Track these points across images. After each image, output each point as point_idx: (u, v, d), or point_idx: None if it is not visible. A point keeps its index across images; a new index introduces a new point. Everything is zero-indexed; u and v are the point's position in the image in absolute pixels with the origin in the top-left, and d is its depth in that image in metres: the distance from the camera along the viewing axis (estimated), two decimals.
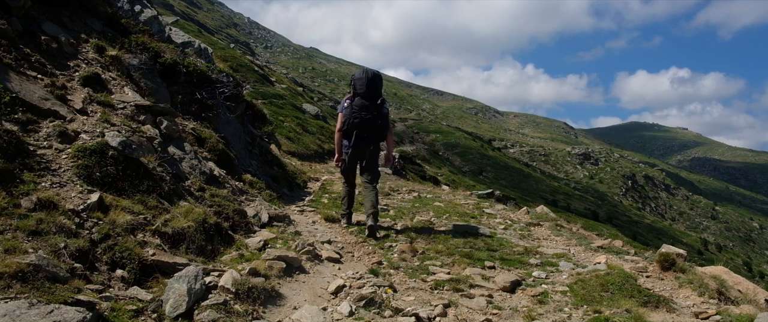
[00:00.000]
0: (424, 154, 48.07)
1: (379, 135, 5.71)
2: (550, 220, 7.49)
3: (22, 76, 4.73)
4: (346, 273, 4.50)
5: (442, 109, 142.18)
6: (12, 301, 2.73)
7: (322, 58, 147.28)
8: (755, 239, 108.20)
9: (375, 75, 5.66)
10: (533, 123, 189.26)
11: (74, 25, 6.15)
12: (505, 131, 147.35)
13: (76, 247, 3.41)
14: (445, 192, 11.25)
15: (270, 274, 4.03)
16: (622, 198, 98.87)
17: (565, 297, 4.11)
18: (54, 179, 3.98)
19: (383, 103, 5.67)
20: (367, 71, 5.71)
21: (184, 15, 53.60)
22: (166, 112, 5.93)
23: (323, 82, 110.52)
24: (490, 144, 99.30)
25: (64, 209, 3.70)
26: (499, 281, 4.37)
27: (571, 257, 5.34)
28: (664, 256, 4.78)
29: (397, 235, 5.84)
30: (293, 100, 24.61)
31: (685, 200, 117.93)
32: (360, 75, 5.66)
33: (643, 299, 3.95)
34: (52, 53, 5.40)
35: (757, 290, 4.44)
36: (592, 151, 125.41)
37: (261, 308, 3.57)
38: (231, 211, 5.31)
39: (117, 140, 4.57)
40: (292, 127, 17.07)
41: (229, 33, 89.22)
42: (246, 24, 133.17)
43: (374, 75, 5.65)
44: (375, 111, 5.56)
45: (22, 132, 4.21)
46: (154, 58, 7.06)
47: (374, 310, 3.70)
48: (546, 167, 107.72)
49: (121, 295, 3.29)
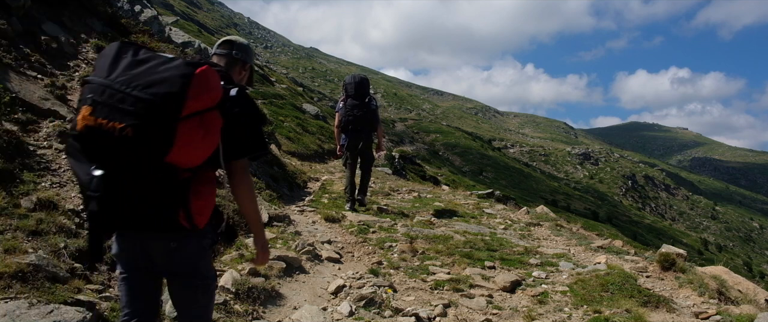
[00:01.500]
0: (424, 154, 48.11)
1: (370, 127, 6.88)
2: (550, 220, 7.49)
3: (22, 76, 4.73)
4: (346, 273, 4.50)
5: (442, 109, 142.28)
6: (12, 301, 2.73)
7: (322, 58, 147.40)
8: (755, 239, 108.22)
9: (362, 79, 6.90)
10: (533, 123, 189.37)
11: (74, 25, 6.15)
12: (505, 131, 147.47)
13: (76, 247, 3.41)
14: (445, 192, 11.25)
15: (270, 274, 4.03)
16: (622, 198, 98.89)
17: (565, 297, 4.11)
18: (54, 179, 3.98)
19: (370, 100, 6.82)
20: (355, 76, 6.93)
21: (184, 15, 53.63)
22: None
23: (323, 82, 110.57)
24: (490, 144, 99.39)
25: (64, 209, 3.70)
26: (499, 281, 4.37)
27: (571, 257, 5.34)
28: (664, 256, 4.78)
29: (397, 235, 5.84)
30: (293, 100, 24.62)
31: (685, 200, 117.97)
32: (350, 80, 6.86)
33: (643, 299, 3.95)
34: (52, 53, 5.40)
35: (757, 290, 4.44)
36: (592, 151, 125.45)
37: (261, 308, 3.57)
38: (231, 211, 5.31)
39: None
40: (292, 127, 17.08)
41: (229, 33, 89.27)
42: (246, 24, 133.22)
43: (362, 79, 6.88)
44: (364, 108, 6.74)
45: (22, 132, 4.21)
46: None
47: (374, 310, 3.70)
48: (546, 167, 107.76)
49: None
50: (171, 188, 1.80)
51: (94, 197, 1.76)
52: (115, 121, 1.67)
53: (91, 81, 1.77)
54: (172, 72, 1.73)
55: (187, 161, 1.80)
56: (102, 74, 1.75)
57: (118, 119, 1.67)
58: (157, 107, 1.67)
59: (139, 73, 1.72)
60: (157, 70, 1.73)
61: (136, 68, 1.74)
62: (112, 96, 1.69)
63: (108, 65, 1.76)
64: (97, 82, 1.74)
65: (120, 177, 1.75)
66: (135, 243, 1.98)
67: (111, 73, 1.74)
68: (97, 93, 1.71)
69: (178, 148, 1.72)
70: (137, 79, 1.71)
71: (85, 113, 1.71)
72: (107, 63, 1.77)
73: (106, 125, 1.67)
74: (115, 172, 1.75)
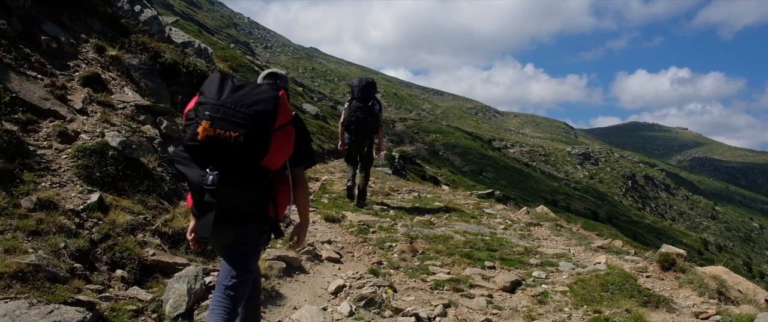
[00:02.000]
0: (424, 154, 48.09)
1: (371, 130, 7.25)
2: (550, 220, 7.49)
3: (22, 76, 4.73)
4: (346, 273, 4.50)
5: (442, 109, 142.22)
6: (12, 301, 2.73)
7: (322, 58, 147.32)
8: (755, 239, 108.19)
9: (368, 83, 7.26)
10: (533, 123, 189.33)
11: (74, 25, 6.15)
12: (505, 131, 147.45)
13: (76, 247, 3.41)
14: (445, 192, 11.24)
15: (270, 274, 4.03)
16: (622, 198, 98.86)
17: (565, 297, 4.11)
18: (54, 179, 3.98)
19: (373, 104, 7.18)
20: (362, 80, 7.30)
21: (184, 15, 53.61)
22: (166, 112, 5.93)
23: (323, 82, 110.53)
24: (490, 144, 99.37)
25: (64, 209, 3.70)
26: (499, 281, 4.37)
27: (571, 257, 5.34)
28: (664, 256, 4.78)
29: (397, 235, 5.84)
30: (293, 100, 24.61)
31: (685, 200, 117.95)
32: (357, 83, 7.25)
33: (643, 299, 3.95)
34: (52, 53, 5.40)
35: (757, 290, 4.44)
36: (592, 151, 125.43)
37: (261, 308, 3.57)
38: None
39: (117, 140, 4.57)
40: None
41: (229, 33, 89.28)
42: (246, 24, 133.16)
43: (367, 83, 7.25)
44: (367, 111, 7.13)
45: (22, 132, 4.21)
46: (154, 58, 7.06)
47: (374, 310, 3.70)
48: (546, 167, 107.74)
49: (121, 295, 3.29)
50: (265, 185, 2.41)
51: (209, 191, 2.27)
52: (230, 131, 2.22)
53: (204, 102, 2.30)
54: (264, 95, 2.32)
55: (274, 163, 2.42)
56: (213, 97, 2.30)
57: (232, 130, 2.23)
58: (260, 121, 2.26)
59: (242, 95, 2.29)
60: (254, 93, 2.31)
61: (238, 92, 2.30)
62: (226, 113, 2.25)
63: (216, 90, 2.32)
64: (211, 102, 2.29)
65: (229, 176, 2.28)
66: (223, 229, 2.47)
67: (220, 96, 2.29)
68: (213, 111, 2.26)
69: (271, 154, 2.33)
70: (242, 100, 2.27)
71: (205, 126, 2.24)
72: (215, 89, 2.33)
73: (223, 135, 2.22)
74: (226, 172, 2.27)
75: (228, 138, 2.22)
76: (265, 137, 2.28)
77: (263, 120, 2.27)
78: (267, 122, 2.28)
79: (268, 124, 2.29)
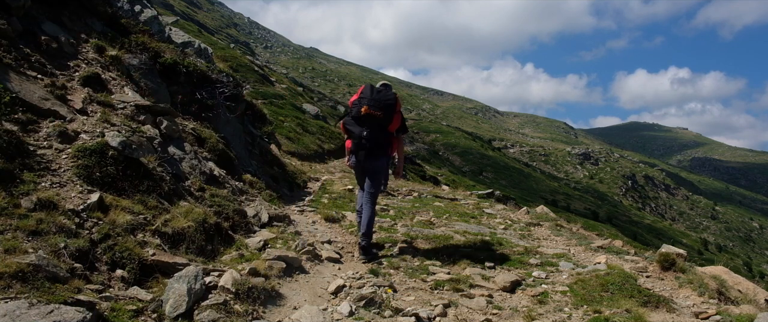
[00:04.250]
0: (424, 155, 48.08)
1: None
2: (550, 220, 7.49)
3: (22, 76, 4.73)
4: (346, 273, 4.50)
5: (442, 109, 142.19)
6: (12, 301, 2.72)
7: (322, 58, 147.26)
8: (755, 239, 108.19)
9: None
10: (533, 123, 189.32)
11: (74, 25, 6.14)
12: (505, 131, 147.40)
13: (76, 247, 3.41)
14: (445, 192, 11.24)
15: (270, 274, 4.03)
16: (622, 198, 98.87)
17: (565, 297, 4.11)
18: (54, 179, 3.97)
19: None
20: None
21: (184, 15, 53.60)
22: (166, 112, 5.93)
23: (323, 82, 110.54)
24: (490, 144, 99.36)
25: (64, 209, 3.70)
26: (499, 281, 4.37)
27: (571, 257, 5.34)
28: (664, 256, 4.78)
29: (397, 235, 5.84)
30: (293, 100, 24.60)
31: (685, 200, 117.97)
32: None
33: (643, 299, 3.95)
34: (52, 53, 5.39)
35: (757, 290, 4.44)
36: (592, 151, 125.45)
37: (261, 308, 3.57)
38: (231, 211, 5.31)
39: (117, 140, 4.57)
40: (292, 127, 17.06)
41: (229, 33, 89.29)
42: (246, 24, 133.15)
43: None
44: None
45: (22, 132, 4.21)
46: (154, 58, 7.05)
47: (374, 310, 3.70)
48: (546, 167, 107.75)
49: (121, 295, 3.29)
50: (389, 139, 5.11)
51: (364, 138, 4.91)
52: (377, 111, 4.89)
53: (364, 97, 4.96)
54: (390, 96, 4.98)
55: (393, 129, 5.06)
56: (368, 95, 4.95)
57: (377, 110, 4.89)
58: (391, 107, 4.95)
59: (381, 95, 4.96)
60: (386, 95, 4.97)
61: (379, 94, 4.97)
62: (377, 103, 4.90)
63: (369, 92, 4.98)
64: (368, 97, 4.94)
65: (373, 134, 4.92)
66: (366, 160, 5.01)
67: (371, 95, 4.95)
68: (369, 102, 4.89)
69: (392, 124, 5.01)
70: (381, 97, 4.94)
71: (366, 108, 4.88)
72: (368, 91, 5.00)
73: (374, 113, 4.88)
74: (372, 131, 4.91)
75: (375, 114, 4.87)
76: (392, 115, 4.94)
77: (391, 107, 4.94)
78: (393, 108, 4.95)
79: (393, 109, 4.95)
